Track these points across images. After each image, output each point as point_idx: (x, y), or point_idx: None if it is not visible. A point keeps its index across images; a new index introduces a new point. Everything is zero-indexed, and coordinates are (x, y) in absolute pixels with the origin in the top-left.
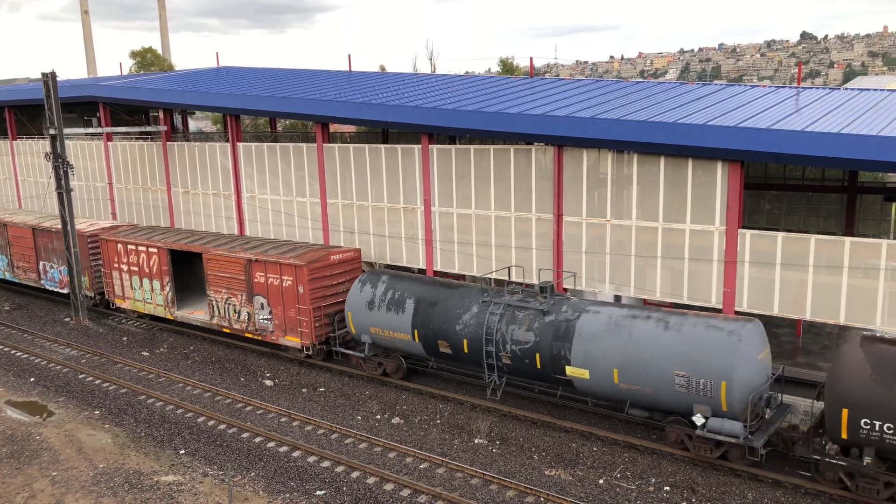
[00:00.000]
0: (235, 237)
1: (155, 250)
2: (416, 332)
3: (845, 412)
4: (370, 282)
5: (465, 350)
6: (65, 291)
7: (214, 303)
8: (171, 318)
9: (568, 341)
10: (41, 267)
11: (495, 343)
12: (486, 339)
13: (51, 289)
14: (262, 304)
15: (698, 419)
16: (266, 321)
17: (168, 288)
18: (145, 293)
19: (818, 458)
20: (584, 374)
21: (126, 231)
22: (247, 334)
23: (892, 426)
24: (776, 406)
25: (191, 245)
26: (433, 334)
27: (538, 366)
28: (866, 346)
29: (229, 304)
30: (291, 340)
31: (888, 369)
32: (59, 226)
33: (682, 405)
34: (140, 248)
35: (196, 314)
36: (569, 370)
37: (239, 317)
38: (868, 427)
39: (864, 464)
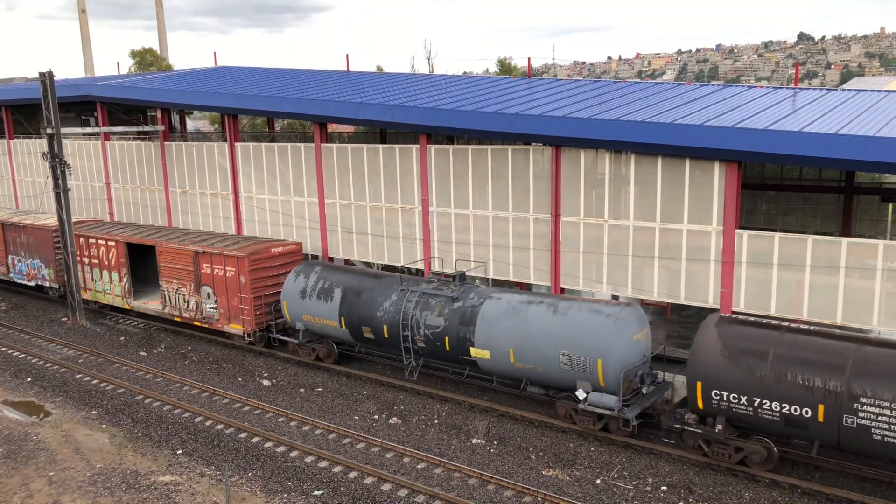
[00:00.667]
0: (188, 231)
1: (113, 244)
2: (342, 318)
3: (699, 384)
4: (304, 272)
5: (386, 335)
6: (31, 284)
7: (166, 293)
8: (128, 307)
9: (472, 325)
10: (10, 261)
11: (411, 328)
12: (402, 325)
13: (18, 281)
14: (208, 294)
15: (580, 394)
16: (212, 310)
17: (125, 279)
18: (105, 284)
19: (679, 426)
20: (485, 354)
21: (89, 226)
22: (195, 322)
23: (737, 396)
24: (655, 383)
25: (145, 239)
26: (358, 321)
27: (447, 348)
28: (720, 326)
29: (179, 294)
30: (234, 328)
31: (735, 346)
32: (28, 221)
33: (567, 381)
34: (100, 241)
35: (150, 304)
36: (473, 351)
37: (188, 306)
38: (718, 398)
39: (716, 431)
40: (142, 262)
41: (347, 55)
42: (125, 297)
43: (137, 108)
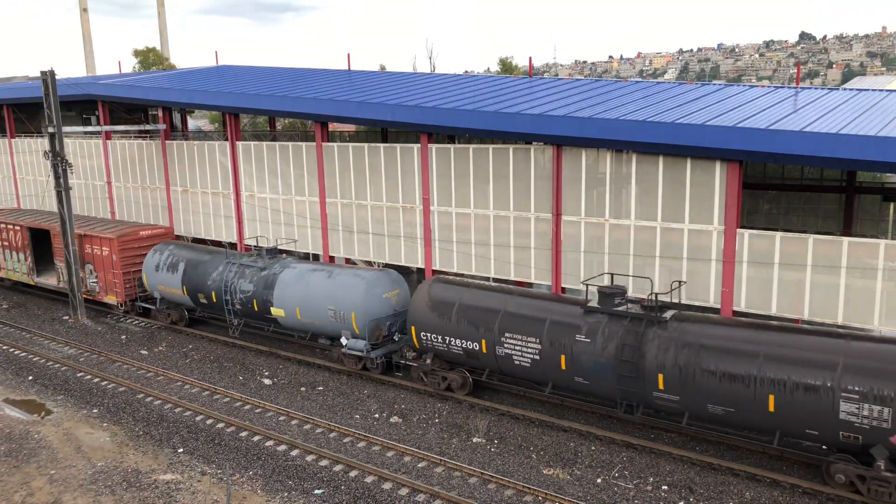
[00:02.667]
0: (78, 217)
1: (19, 228)
2: (184, 287)
3: (413, 328)
4: (160, 250)
5: (214, 300)
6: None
7: (60, 271)
8: (33, 283)
9: (272, 289)
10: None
11: (230, 293)
12: (224, 290)
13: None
14: (90, 270)
15: (343, 340)
16: (94, 284)
17: (29, 259)
18: (14, 264)
19: (403, 362)
20: (281, 313)
21: (4, 213)
22: (84, 295)
23: (437, 337)
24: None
25: (42, 224)
26: (195, 289)
27: (256, 308)
28: (430, 284)
29: None
30: (111, 299)
31: (435, 299)
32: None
33: (335, 331)
34: (10, 226)
35: (49, 280)
36: (273, 310)
37: None
38: (426, 338)
39: (427, 363)
40: (44, 246)
41: (349, 54)
42: (30, 275)
43: (139, 107)
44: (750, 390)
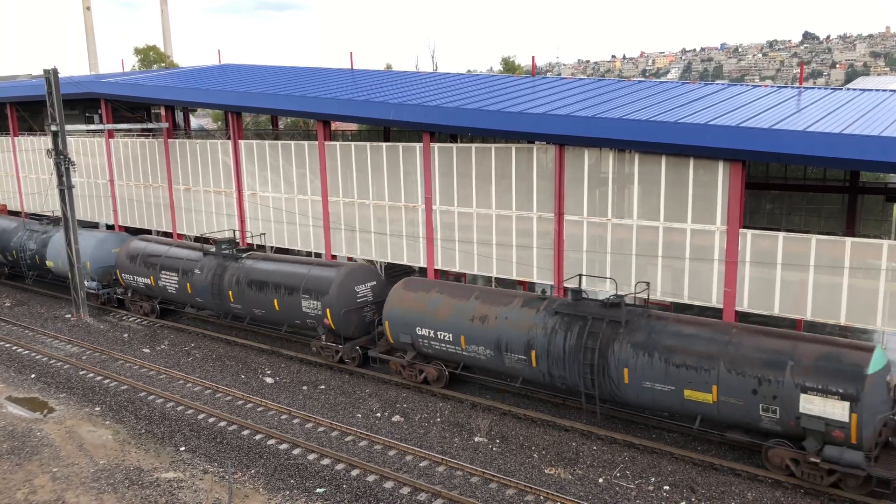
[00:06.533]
0: None
1: None
2: None
3: (119, 272)
4: None
5: (15, 256)
6: None
7: None
8: None
9: (46, 247)
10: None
11: (24, 252)
12: (20, 250)
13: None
14: None
15: (87, 283)
16: None
17: None
18: None
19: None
20: (52, 264)
21: None
22: None
23: (129, 276)
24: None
25: None
26: (3, 248)
27: (37, 262)
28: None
29: None
30: None
31: (132, 252)
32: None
33: (84, 277)
34: None
35: None
36: (47, 263)
37: None
38: (129, 279)
39: (128, 295)
40: None
41: (351, 53)
42: None
43: (141, 106)
44: (266, 295)
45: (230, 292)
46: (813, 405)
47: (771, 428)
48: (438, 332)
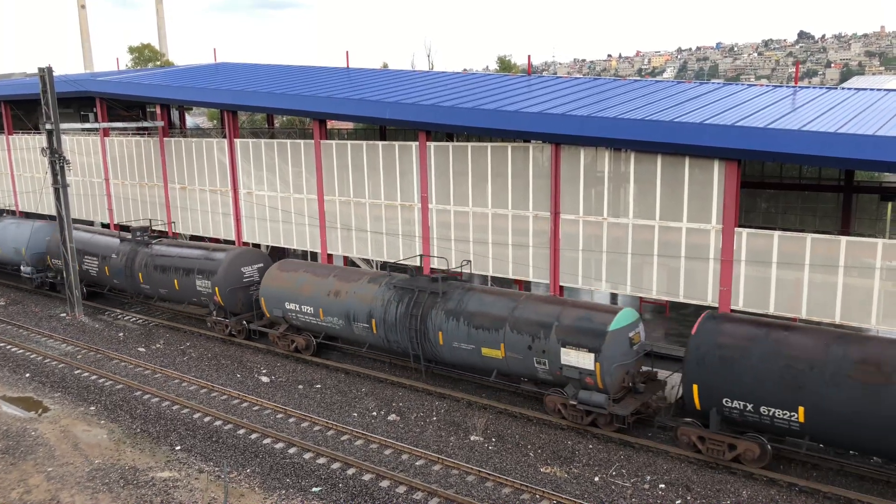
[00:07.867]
0: None
1: None
2: None
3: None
4: None
5: None
6: None
7: None
8: None
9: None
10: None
11: None
12: None
13: None
14: None
15: (23, 267)
16: None
17: None
18: None
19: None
20: None
21: None
22: None
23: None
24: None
25: None
26: None
27: None
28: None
29: None
30: None
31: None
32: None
33: (20, 261)
34: None
35: None
36: None
37: None
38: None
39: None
40: None
41: (347, 52)
42: None
43: (137, 104)
44: (168, 276)
45: (140, 274)
46: (570, 357)
47: (545, 378)
48: (302, 306)
